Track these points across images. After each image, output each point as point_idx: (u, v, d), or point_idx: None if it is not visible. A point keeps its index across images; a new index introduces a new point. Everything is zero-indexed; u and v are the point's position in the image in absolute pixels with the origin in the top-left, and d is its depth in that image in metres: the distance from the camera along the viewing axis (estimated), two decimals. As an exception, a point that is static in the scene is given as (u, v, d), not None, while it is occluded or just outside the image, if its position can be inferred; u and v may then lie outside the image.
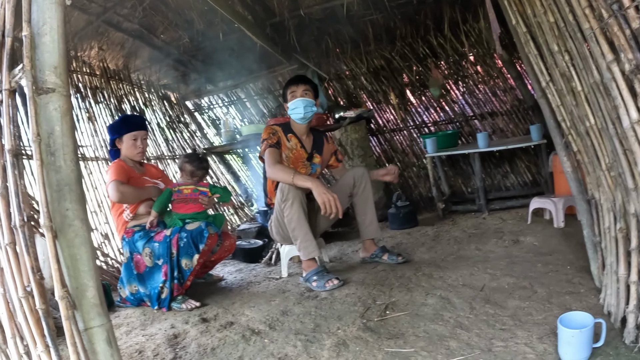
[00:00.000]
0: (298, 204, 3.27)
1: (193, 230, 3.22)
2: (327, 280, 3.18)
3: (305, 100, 3.56)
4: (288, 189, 3.27)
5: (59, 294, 1.42)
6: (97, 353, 1.47)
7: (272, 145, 3.49)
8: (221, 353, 2.38)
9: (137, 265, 3.31)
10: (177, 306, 3.19)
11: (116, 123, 3.63)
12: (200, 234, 3.22)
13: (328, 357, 2.16)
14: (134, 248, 3.31)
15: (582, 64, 1.91)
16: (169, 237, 3.23)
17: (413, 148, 6.21)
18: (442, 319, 2.39)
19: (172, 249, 3.21)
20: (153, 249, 3.26)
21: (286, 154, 3.61)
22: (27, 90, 1.50)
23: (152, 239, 3.28)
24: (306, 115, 3.59)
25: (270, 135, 3.56)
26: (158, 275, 3.24)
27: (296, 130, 3.70)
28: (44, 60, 1.53)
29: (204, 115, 7.23)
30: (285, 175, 3.27)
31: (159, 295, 3.22)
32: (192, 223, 3.32)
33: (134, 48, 5.56)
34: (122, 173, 3.32)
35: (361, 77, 6.21)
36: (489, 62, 5.55)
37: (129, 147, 3.50)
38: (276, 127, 3.67)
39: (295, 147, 3.66)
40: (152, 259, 3.26)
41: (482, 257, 3.39)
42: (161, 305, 3.22)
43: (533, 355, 1.91)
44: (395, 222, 4.89)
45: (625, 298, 1.93)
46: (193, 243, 3.21)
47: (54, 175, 1.46)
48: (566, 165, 2.63)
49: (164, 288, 3.21)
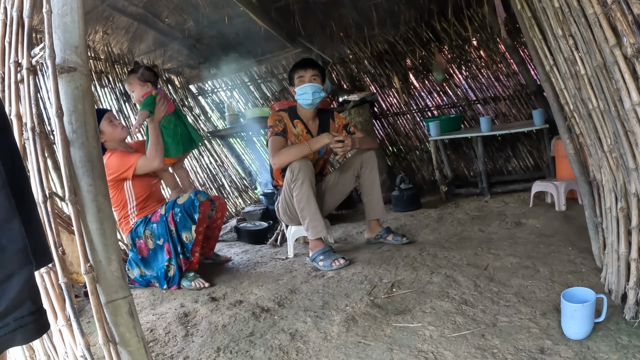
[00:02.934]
0: (308, 184, 3.32)
1: (185, 203, 3.26)
2: (333, 260, 3.24)
3: (313, 85, 3.54)
4: (298, 168, 3.31)
5: (84, 269, 1.47)
6: (120, 325, 1.52)
7: (277, 134, 3.51)
8: (232, 329, 2.44)
9: (141, 251, 3.35)
10: (187, 284, 3.25)
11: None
12: (192, 204, 3.26)
13: (338, 332, 2.22)
14: (135, 235, 3.36)
15: (586, 48, 1.95)
16: (164, 216, 3.28)
17: (416, 132, 6.23)
18: (447, 296, 2.45)
19: (169, 226, 3.26)
20: (152, 230, 3.31)
21: (292, 140, 3.61)
22: (49, 68, 1.54)
23: (150, 221, 3.33)
24: (314, 101, 3.59)
25: (276, 122, 3.57)
26: (162, 254, 3.30)
27: (302, 115, 3.70)
28: (65, 40, 1.57)
29: (208, 99, 7.24)
30: (300, 150, 3.34)
31: (166, 274, 3.28)
32: (181, 197, 3.34)
33: (138, 32, 5.55)
34: (128, 153, 3.32)
35: (365, 61, 6.21)
36: (492, 46, 5.56)
37: (110, 132, 3.36)
38: (282, 113, 3.67)
39: (301, 132, 3.67)
40: (153, 240, 3.32)
41: (486, 238, 3.45)
42: (171, 284, 3.28)
43: (537, 330, 1.97)
44: (398, 204, 4.94)
45: (626, 275, 1.99)
46: (187, 215, 3.25)
47: (77, 152, 1.51)
48: (569, 147, 2.67)
49: (170, 266, 3.27)
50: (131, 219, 3.38)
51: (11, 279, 1.00)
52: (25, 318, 1.03)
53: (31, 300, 1.06)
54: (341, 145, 3.38)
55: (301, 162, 3.33)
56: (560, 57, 2.34)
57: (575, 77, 2.24)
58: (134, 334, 1.54)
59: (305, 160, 3.37)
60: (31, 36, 1.76)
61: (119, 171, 3.27)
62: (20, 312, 1.02)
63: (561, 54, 2.30)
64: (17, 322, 1.02)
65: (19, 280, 1.02)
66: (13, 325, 1.01)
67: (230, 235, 4.77)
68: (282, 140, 3.50)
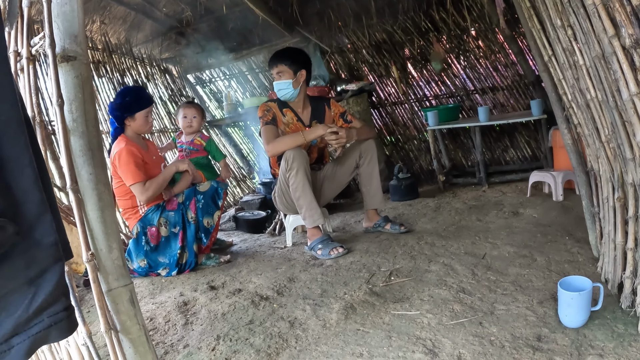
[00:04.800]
0: (302, 173, 3.33)
1: (207, 191, 3.45)
2: (331, 249, 3.25)
3: (278, 83, 3.54)
4: (292, 158, 3.32)
5: (86, 257, 1.47)
6: (121, 313, 1.53)
7: (267, 123, 3.53)
8: (232, 318, 2.46)
9: (152, 238, 3.38)
10: (212, 262, 3.48)
11: (129, 101, 3.37)
12: (216, 191, 3.49)
13: (337, 319, 2.24)
14: (147, 222, 3.38)
15: (585, 38, 1.95)
16: (183, 204, 3.40)
17: (414, 121, 6.23)
18: (445, 284, 2.47)
19: (190, 213, 3.39)
20: (168, 218, 3.39)
21: (282, 129, 3.62)
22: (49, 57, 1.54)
23: (166, 209, 3.40)
24: (284, 97, 3.59)
25: (264, 112, 3.58)
26: (175, 242, 3.38)
27: (292, 104, 3.70)
28: (65, 29, 1.56)
29: (206, 88, 7.23)
30: (294, 140, 3.36)
31: (178, 260, 3.35)
32: (202, 185, 3.50)
33: (135, 22, 5.53)
34: (138, 164, 3.26)
35: (363, 51, 6.20)
36: (491, 37, 5.55)
37: (141, 124, 3.41)
38: (270, 103, 3.68)
39: (291, 121, 3.67)
40: (168, 227, 3.38)
41: (483, 227, 3.47)
42: (183, 269, 3.38)
43: (534, 318, 1.99)
44: (396, 193, 4.95)
45: (622, 265, 2.02)
46: (212, 201, 3.46)
47: (77, 141, 1.51)
48: (566, 137, 2.68)
49: (184, 252, 3.38)
50: (140, 208, 3.41)
51: (45, 275, 1.00)
52: (59, 314, 1.03)
53: (64, 295, 1.06)
54: (335, 137, 3.37)
55: (295, 151, 3.34)
56: (559, 48, 2.34)
57: (573, 68, 2.25)
58: (135, 321, 1.54)
59: (300, 150, 3.37)
60: (30, 25, 1.75)
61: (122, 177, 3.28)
62: (54, 308, 1.02)
63: (560, 44, 2.31)
64: (51, 318, 1.01)
65: (53, 275, 1.02)
66: (47, 322, 1.00)
67: (229, 225, 4.79)
68: (274, 129, 3.52)
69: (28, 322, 0.97)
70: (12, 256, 0.93)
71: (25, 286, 0.96)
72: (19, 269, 0.95)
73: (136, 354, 1.53)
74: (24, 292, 0.96)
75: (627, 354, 1.63)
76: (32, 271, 0.98)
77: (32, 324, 0.97)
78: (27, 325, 0.96)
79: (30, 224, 0.98)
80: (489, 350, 1.79)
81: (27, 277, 0.97)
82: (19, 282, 0.95)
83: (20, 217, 0.95)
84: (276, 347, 2.07)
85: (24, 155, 1.00)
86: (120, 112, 3.34)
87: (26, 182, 0.99)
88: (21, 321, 0.95)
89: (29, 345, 0.97)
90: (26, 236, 0.96)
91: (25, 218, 0.97)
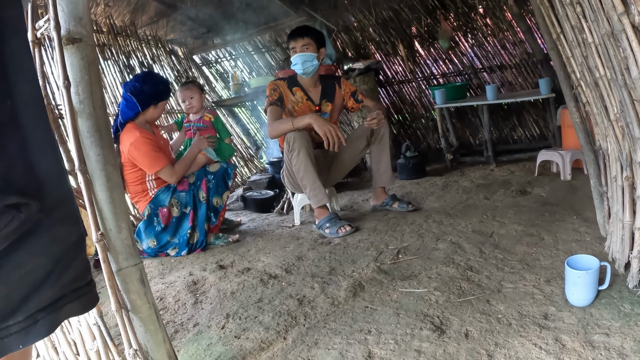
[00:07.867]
0: (304, 153, 3.33)
1: (218, 171, 3.49)
2: (339, 227, 3.27)
3: (303, 55, 3.51)
4: (293, 139, 3.32)
5: (95, 237, 1.49)
6: (131, 292, 1.54)
7: (272, 103, 3.53)
8: (241, 296, 2.48)
9: (163, 218, 3.40)
10: (221, 242, 3.51)
11: (162, 89, 3.40)
12: (226, 172, 3.53)
13: (345, 297, 2.26)
14: (158, 203, 3.41)
15: (594, 15, 1.93)
16: (194, 184, 3.45)
17: (422, 100, 6.21)
18: (453, 262, 2.48)
19: (202, 193, 3.44)
20: (180, 198, 3.43)
21: (290, 107, 3.62)
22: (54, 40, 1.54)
23: (177, 190, 3.43)
24: (306, 70, 3.57)
25: (271, 91, 3.58)
26: (186, 222, 3.43)
27: (302, 83, 3.69)
28: (69, 12, 1.55)
29: (212, 69, 7.21)
30: (284, 126, 3.36)
31: (189, 240, 3.40)
32: (211, 166, 3.54)
33: (140, 3, 5.49)
34: (156, 149, 3.29)
35: (369, 29, 6.15)
36: (499, 14, 5.48)
37: (160, 112, 3.49)
38: (279, 82, 3.67)
39: (301, 100, 3.67)
40: (179, 208, 3.43)
41: (491, 206, 3.47)
42: (194, 248, 3.44)
43: (541, 296, 2.00)
44: (404, 172, 4.96)
45: (630, 244, 2.01)
46: (223, 181, 3.50)
47: (84, 122, 1.51)
48: (575, 116, 2.66)
49: (195, 232, 3.43)
50: (150, 191, 3.43)
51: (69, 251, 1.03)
52: (82, 289, 1.06)
53: (87, 271, 1.09)
54: (375, 122, 3.46)
55: (296, 132, 3.34)
56: (568, 25, 2.31)
57: (582, 45, 2.22)
58: (145, 300, 1.56)
59: (301, 131, 3.37)
60: (35, 8, 1.75)
61: (145, 166, 3.30)
62: (78, 283, 1.05)
63: (568, 21, 2.28)
64: (75, 292, 1.04)
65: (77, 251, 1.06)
66: (71, 297, 1.03)
67: (237, 204, 4.81)
68: (277, 110, 3.52)
69: (53, 297, 0.99)
70: (38, 233, 0.96)
71: (50, 262, 0.98)
72: (44, 245, 0.98)
73: (147, 333, 1.55)
74: (50, 267, 0.98)
75: (633, 333, 1.63)
76: (56, 247, 1.00)
77: (56, 299, 1.00)
78: (52, 300, 0.99)
79: (55, 201, 1.00)
80: (496, 328, 1.81)
81: (52, 253, 0.99)
82: (45, 258, 0.98)
83: (45, 195, 0.98)
84: (285, 325, 2.09)
85: (48, 135, 1.02)
86: (149, 99, 3.33)
87: (50, 161, 1.01)
88: (46, 296, 0.98)
89: (53, 319, 1.00)
90: (50, 213, 0.98)
91: (50, 195, 0.99)
